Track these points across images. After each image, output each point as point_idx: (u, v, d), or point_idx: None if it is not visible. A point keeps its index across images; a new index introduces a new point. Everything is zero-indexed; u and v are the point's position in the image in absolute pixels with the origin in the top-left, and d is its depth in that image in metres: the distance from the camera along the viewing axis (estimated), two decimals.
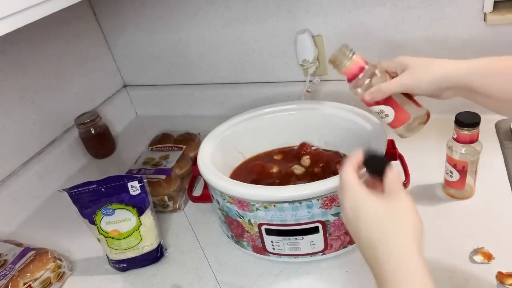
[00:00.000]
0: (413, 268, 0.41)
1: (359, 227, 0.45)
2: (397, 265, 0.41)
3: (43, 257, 0.73)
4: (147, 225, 0.72)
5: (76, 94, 1.11)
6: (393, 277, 0.41)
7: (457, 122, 0.67)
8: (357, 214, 0.45)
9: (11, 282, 0.68)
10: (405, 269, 0.41)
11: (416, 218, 0.44)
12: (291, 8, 0.97)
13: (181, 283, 0.70)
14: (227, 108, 1.16)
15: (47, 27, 1.01)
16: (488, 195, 0.74)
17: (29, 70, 0.98)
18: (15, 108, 0.94)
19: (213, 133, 0.79)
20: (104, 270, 0.76)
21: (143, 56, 1.20)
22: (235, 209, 0.65)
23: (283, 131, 0.83)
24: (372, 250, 0.43)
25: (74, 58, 1.10)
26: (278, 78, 1.10)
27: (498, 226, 0.67)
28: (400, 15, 0.90)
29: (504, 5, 0.85)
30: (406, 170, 0.72)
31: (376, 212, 0.45)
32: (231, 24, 1.05)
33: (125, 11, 1.13)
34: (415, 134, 0.63)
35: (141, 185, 0.69)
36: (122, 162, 1.07)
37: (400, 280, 0.40)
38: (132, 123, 1.27)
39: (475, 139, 0.67)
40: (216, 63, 1.13)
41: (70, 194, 0.68)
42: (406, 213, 0.45)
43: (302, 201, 0.60)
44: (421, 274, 0.40)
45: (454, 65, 0.55)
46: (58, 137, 1.06)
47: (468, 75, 0.54)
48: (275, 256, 0.68)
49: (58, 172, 1.03)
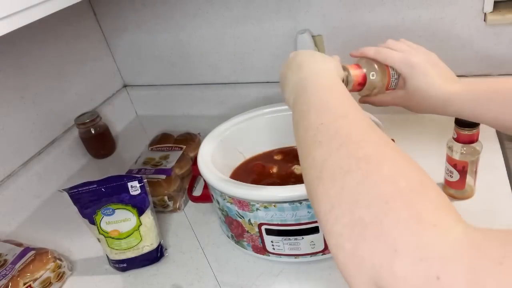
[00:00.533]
0: (332, 77, 0.47)
1: (292, 63, 0.53)
2: (319, 72, 0.48)
3: (43, 257, 0.73)
4: (147, 225, 0.72)
5: (76, 94, 1.11)
6: (311, 80, 0.46)
7: (457, 122, 0.67)
8: (296, 54, 0.55)
9: (11, 282, 0.68)
10: (325, 76, 0.47)
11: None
12: (291, 8, 0.97)
13: (181, 283, 0.70)
14: (227, 108, 1.16)
15: (47, 27, 1.01)
16: (488, 195, 0.74)
17: (29, 70, 0.98)
18: (15, 108, 0.94)
19: (213, 133, 0.79)
20: (104, 270, 0.76)
21: (143, 56, 1.20)
22: (235, 209, 0.65)
23: (283, 131, 0.83)
24: (306, 69, 0.49)
25: (74, 58, 1.10)
26: (278, 78, 1.09)
27: (498, 226, 0.67)
28: (400, 15, 0.90)
29: (504, 5, 0.85)
30: None
31: (313, 53, 0.54)
32: (231, 24, 1.05)
33: (125, 11, 1.13)
34: None
35: (141, 185, 0.69)
36: (122, 162, 1.07)
37: (318, 82, 0.46)
38: (132, 123, 1.27)
39: (475, 139, 0.67)
40: (216, 63, 1.13)
41: (70, 194, 0.68)
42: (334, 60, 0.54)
43: (302, 201, 0.60)
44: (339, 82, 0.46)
45: (446, 94, 0.54)
46: (58, 137, 1.06)
47: (461, 107, 0.54)
48: (275, 256, 0.68)
49: (58, 172, 1.03)
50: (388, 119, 0.75)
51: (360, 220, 0.29)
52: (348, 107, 0.39)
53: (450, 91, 0.54)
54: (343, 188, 0.31)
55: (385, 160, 0.32)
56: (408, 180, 0.30)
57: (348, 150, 0.33)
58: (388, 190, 0.29)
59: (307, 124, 0.40)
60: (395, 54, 0.58)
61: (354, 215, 0.29)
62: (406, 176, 0.31)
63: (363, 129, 0.36)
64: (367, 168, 0.31)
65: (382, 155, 0.32)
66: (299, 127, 0.41)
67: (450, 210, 0.29)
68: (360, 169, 0.31)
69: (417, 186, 0.30)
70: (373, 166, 0.31)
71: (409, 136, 0.89)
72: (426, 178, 0.31)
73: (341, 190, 0.31)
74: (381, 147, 0.33)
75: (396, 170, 0.31)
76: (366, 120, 0.38)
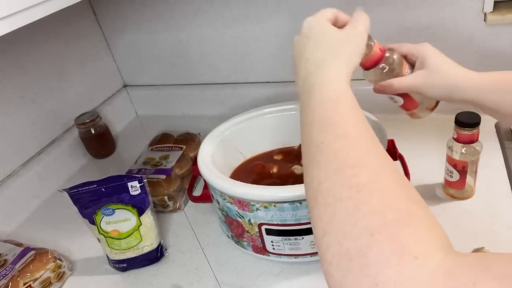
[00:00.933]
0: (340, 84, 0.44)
1: (306, 46, 0.49)
2: (327, 82, 0.44)
3: (43, 257, 0.73)
4: (147, 225, 0.72)
5: (76, 94, 1.11)
6: (319, 88, 0.44)
7: (457, 122, 0.67)
8: (310, 33, 0.50)
9: (11, 282, 0.68)
10: (334, 88, 0.43)
11: (358, 43, 0.49)
12: (291, 8, 0.97)
13: (181, 283, 0.70)
14: (227, 108, 1.16)
15: (47, 27, 1.01)
16: (488, 195, 0.74)
17: (29, 70, 0.98)
18: (15, 108, 0.94)
19: (213, 133, 0.79)
20: (104, 270, 0.76)
21: (143, 56, 1.20)
22: (235, 209, 0.65)
23: (283, 131, 0.83)
24: (314, 70, 0.46)
25: (74, 58, 1.10)
26: (278, 78, 1.10)
27: (498, 226, 0.67)
28: (400, 15, 0.90)
29: (504, 5, 0.85)
30: (406, 170, 0.72)
31: (329, 32, 0.49)
32: (231, 24, 1.05)
33: (125, 11, 1.13)
34: (426, 116, 0.64)
35: (141, 185, 0.69)
36: (122, 162, 1.07)
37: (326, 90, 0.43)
38: (132, 123, 1.27)
39: (475, 139, 0.67)
40: (216, 63, 1.13)
41: (70, 194, 0.68)
42: (353, 38, 0.49)
43: (302, 201, 0.60)
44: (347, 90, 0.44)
45: (466, 76, 0.55)
46: (58, 137, 1.06)
47: (478, 91, 0.54)
48: (275, 256, 0.68)
49: (58, 172, 1.03)
50: (388, 119, 0.75)
51: (347, 252, 0.30)
52: (352, 125, 0.39)
53: (471, 74, 0.55)
54: (334, 216, 0.32)
55: (376, 190, 0.32)
56: (396, 211, 0.31)
57: (343, 177, 0.34)
58: (374, 222, 0.30)
59: (309, 138, 0.40)
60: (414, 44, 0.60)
61: (342, 246, 0.30)
62: (394, 207, 0.31)
63: (362, 152, 0.36)
64: (358, 197, 0.32)
65: (374, 184, 0.33)
66: (303, 134, 0.42)
67: (435, 237, 0.30)
68: (351, 199, 0.32)
69: (404, 217, 0.30)
70: (364, 196, 0.32)
71: (409, 136, 0.89)
72: (416, 206, 0.32)
73: (332, 218, 0.32)
74: (376, 175, 0.34)
75: (385, 201, 0.32)
76: (368, 139, 0.37)
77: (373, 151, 0.36)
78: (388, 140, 0.69)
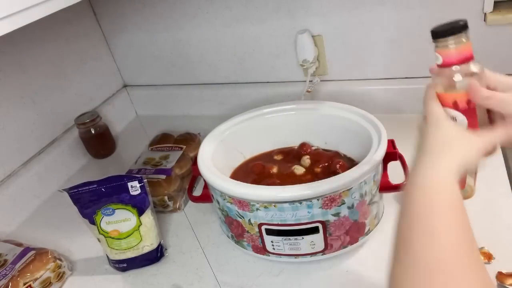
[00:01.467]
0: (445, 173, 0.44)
1: (425, 138, 0.49)
2: (433, 187, 0.43)
3: (43, 257, 0.73)
4: (147, 225, 0.72)
5: (76, 94, 1.11)
6: (422, 195, 0.43)
7: (435, 35, 0.50)
8: (437, 129, 0.48)
9: (11, 282, 0.68)
10: (439, 197, 0.43)
11: (473, 154, 0.47)
12: (291, 8, 0.97)
13: (181, 283, 0.70)
14: (227, 108, 1.16)
15: (47, 27, 1.01)
16: (488, 195, 0.74)
17: (29, 70, 0.98)
18: (15, 108, 0.94)
19: (213, 133, 0.79)
20: (104, 270, 0.76)
21: (143, 56, 1.20)
22: (235, 209, 0.65)
23: (283, 131, 0.83)
24: (421, 157, 0.46)
25: (74, 58, 1.10)
26: (278, 78, 1.10)
27: (498, 226, 0.67)
28: (400, 15, 0.90)
29: (504, 5, 0.85)
30: (406, 170, 0.72)
31: (451, 143, 0.47)
32: (231, 24, 1.05)
33: (125, 11, 1.13)
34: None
35: (141, 185, 0.69)
36: (122, 162, 1.07)
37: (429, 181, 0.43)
38: (132, 123, 1.27)
39: (470, 54, 0.52)
40: (216, 63, 1.13)
41: (70, 194, 0.68)
42: (469, 144, 0.47)
43: (302, 201, 0.60)
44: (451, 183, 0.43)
45: None
46: (58, 137, 1.06)
47: None
48: (275, 256, 0.68)
49: (58, 172, 1.03)
50: (388, 119, 0.75)
51: None
52: (455, 250, 0.40)
53: None
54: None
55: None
56: None
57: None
58: None
59: (407, 244, 0.40)
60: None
61: None
62: None
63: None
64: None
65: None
66: (399, 234, 0.42)
67: None
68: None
69: None
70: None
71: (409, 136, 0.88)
72: None
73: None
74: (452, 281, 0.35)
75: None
76: (467, 267, 0.38)
77: None
78: (388, 140, 0.69)
